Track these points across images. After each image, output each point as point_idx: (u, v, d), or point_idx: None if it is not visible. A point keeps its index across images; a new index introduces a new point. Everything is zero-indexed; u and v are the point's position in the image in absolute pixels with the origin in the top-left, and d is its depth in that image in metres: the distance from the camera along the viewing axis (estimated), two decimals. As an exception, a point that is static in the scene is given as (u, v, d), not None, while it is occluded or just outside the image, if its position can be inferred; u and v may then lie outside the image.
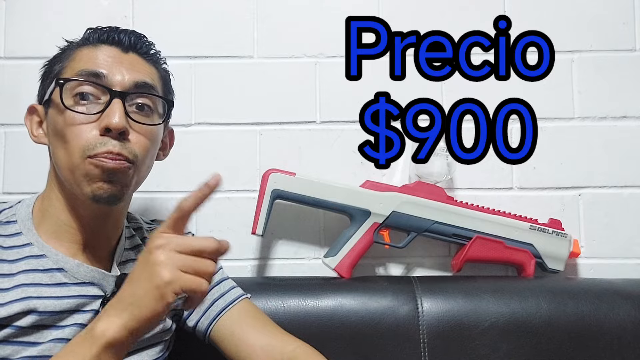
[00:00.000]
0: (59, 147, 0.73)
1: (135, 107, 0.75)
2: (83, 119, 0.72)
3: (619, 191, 1.11)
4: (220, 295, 0.86)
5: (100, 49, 0.76)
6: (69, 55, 0.77)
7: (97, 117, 0.72)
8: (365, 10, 1.13)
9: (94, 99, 0.73)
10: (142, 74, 0.77)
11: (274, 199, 1.02)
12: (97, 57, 0.75)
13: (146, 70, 0.78)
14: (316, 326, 0.93)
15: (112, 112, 0.71)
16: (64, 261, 0.73)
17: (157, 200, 1.08)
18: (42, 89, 0.79)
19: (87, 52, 0.76)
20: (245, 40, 1.12)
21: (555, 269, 1.05)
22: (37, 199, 0.79)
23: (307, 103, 1.12)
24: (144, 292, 0.59)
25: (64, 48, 0.80)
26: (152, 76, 0.79)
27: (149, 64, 0.80)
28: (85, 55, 0.75)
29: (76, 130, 0.72)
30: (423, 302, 0.95)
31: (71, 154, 0.71)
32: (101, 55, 0.75)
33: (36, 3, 1.11)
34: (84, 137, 0.71)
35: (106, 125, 0.71)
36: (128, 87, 0.74)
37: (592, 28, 1.14)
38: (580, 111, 1.12)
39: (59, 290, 0.72)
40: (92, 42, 0.77)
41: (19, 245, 0.73)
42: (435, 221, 1.03)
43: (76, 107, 0.72)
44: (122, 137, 0.72)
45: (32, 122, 0.79)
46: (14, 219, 0.75)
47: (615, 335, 0.93)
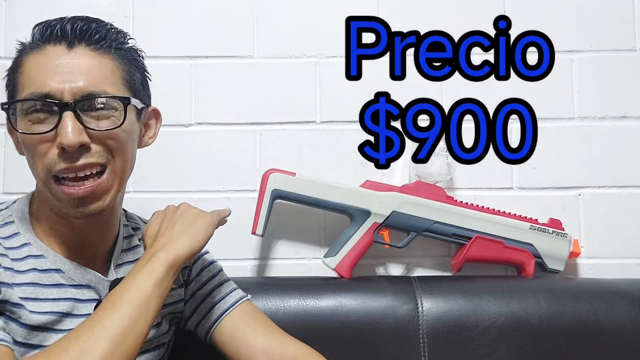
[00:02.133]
0: (30, 164, 0.72)
1: (91, 112, 0.69)
2: (40, 139, 0.68)
3: (619, 191, 1.11)
4: (221, 298, 0.85)
5: (44, 53, 0.70)
6: (19, 63, 0.72)
7: (53, 135, 0.68)
8: (365, 10, 1.13)
9: (46, 115, 0.68)
10: (92, 76, 0.70)
11: (274, 199, 1.02)
12: (41, 68, 0.69)
13: (96, 67, 0.71)
14: (316, 326, 0.93)
15: (64, 129, 0.67)
16: (62, 262, 0.73)
17: (157, 200, 1.08)
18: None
19: (32, 62, 0.70)
20: (245, 40, 1.12)
21: (555, 269, 1.05)
22: (32, 197, 0.77)
23: (307, 103, 1.12)
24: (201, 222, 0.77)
25: (17, 52, 0.75)
26: (104, 73, 0.71)
27: (102, 55, 0.72)
28: (31, 67, 0.70)
29: (37, 150, 0.69)
30: (423, 302, 0.95)
31: (38, 174, 0.70)
32: (46, 62, 0.70)
33: (36, 3, 1.11)
34: (45, 156, 0.68)
35: (60, 144, 0.67)
36: (78, 96, 0.68)
37: (592, 28, 1.14)
38: (580, 111, 1.13)
39: (56, 291, 0.71)
40: (37, 45, 0.71)
41: (18, 246, 0.72)
42: (435, 221, 1.03)
43: (30, 129, 0.68)
44: (83, 150, 0.68)
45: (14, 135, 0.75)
46: (10, 219, 0.74)
47: (615, 335, 0.93)
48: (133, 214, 0.90)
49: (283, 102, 1.12)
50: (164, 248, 0.72)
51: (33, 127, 0.69)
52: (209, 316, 0.84)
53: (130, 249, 0.83)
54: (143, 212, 1.04)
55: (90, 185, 0.69)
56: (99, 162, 0.70)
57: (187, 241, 0.74)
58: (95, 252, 0.78)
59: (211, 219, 0.78)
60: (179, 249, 0.72)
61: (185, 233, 0.75)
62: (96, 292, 0.74)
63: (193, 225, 0.76)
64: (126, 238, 0.83)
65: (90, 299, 0.74)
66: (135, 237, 0.85)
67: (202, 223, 0.77)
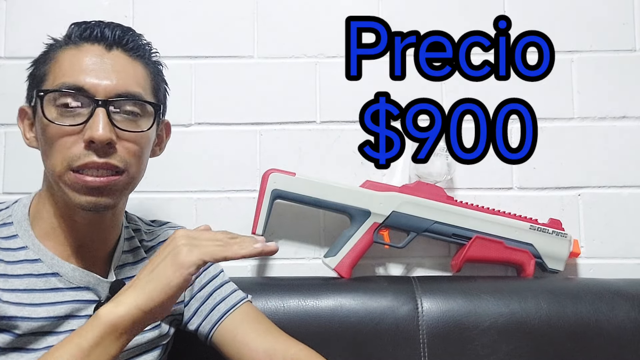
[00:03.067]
0: (47, 155, 0.72)
1: (121, 113, 0.71)
2: (67, 131, 0.69)
3: (619, 191, 1.11)
4: (222, 299, 0.85)
5: (82, 49, 0.72)
6: (52, 56, 0.74)
7: (80, 128, 0.69)
8: (365, 10, 1.13)
9: (78, 108, 0.70)
10: (127, 78, 0.72)
11: (274, 199, 1.02)
12: (79, 63, 0.71)
13: (131, 71, 0.74)
14: (316, 326, 0.93)
15: (96, 124, 0.68)
16: (59, 265, 0.73)
17: (157, 200, 1.08)
18: (29, 91, 0.76)
19: (69, 56, 0.72)
20: (245, 40, 1.12)
21: (555, 269, 1.05)
22: (33, 197, 0.77)
23: (307, 103, 1.12)
24: (162, 267, 0.63)
25: (48, 47, 0.76)
26: (137, 78, 0.74)
27: (136, 61, 0.75)
28: (67, 60, 0.72)
29: (61, 142, 0.69)
30: (423, 302, 0.95)
31: (55, 165, 0.70)
32: (84, 58, 0.71)
33: (36, 3, 1.11)
34: (68, 149, 0.69)
35: (90, 138, 0.68)
36: (112, 94, 0.70)
37: (592, 28, 1.14)
38: (580, 111, 1.12)
39: (53, 295, 0.71)
40: (74, 42, 0.73)
41: (15, 249, 0.72)
42: (435, 221, 1.03)
43: (59, 119, 0.69)
44: (108, 147, 0.69)
45: (24, 125, 0.77)
46: (10, 220, 0.74)
47: (615, 335, 0.93)
48: (133, 215, 0.90)
49: (283, 102, 1.11)
50: (113, 301, 0.63)
51: (61, 119, 0.70)
52: (210, 317, 0.84)
53: (131, 250, 0.83)
54: (143, 212, 1.04)
55: (108, 179, 0.70)
56: (119, 165, 0.71)
57: (139, 300, 0.62)
58: (95, 253, 0.77)
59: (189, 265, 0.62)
60: (126, 310, 0.61)
61: (144, 287, 0.63)
62: (95, 293, 0.74)
63: (158, 276, 0.63)
64: (127, 240, 0.83)
65: (90, 300, 0.73)
66: (136, 239, 0.85)
67: (169, 272, 0.62)
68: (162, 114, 0.80)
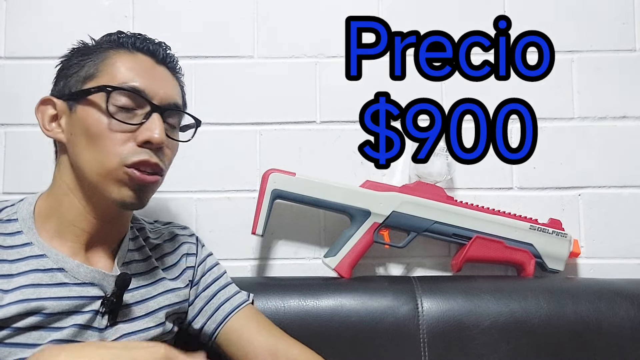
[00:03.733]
0: (88, 149, 0.73)
1: (166, 123, 0.77)
2: (124, 128, 0.73)
3: (619, 191, 1.11)
4: (226, 299, 0.87)
5: (137, 57, 0.77)
6: (102, 55, 0.76)
7: (135, 128, 0.73)
8: (365, 10, 1.13)
9: (132, 109, 0.73)
10: (174, 92, 0.79)
11: (274, 199, 1.02)
12: (138, 69, 0.75)
13: (175, 86, 0.80)
14: (316, 326, 0.93)
15: (154, 126, 0.73)
16: (65, 261, 0.73)
17: (156, 200, 1.08)
18: (66, 83, 0.76)
19: (126, 60, 0.76)
20: (245, 40, 1.12)
21: (555, 269, 1.06)
22: (39, 197, 0.78)
23: (307, 103, 1.12)
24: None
25: (91, 46, 0.78)
26: (179, 93, 0.81)
27: (175, 79, 0.81)
28: (124, 63, 0.75)
29: (114, 137, 0.72)
30: (423, 302, 0.95)
31: (106, 159, 0.72)
32: (140, 64, 0.76)
33: (37, 3, 1.11)
34: (122, 146, 0.72)
35: (147, 139, 0.73)
36: (166, 103, 0.76)
37: (592, 28, 1.14)
38: (580, 111, 1.13)
39: (59, 290, 0.72)
40: (128, 48, 0.77)
41: (19, 245, 0.73)
42: (435, 221, 1.03)
43: (117, 115, 0.72)
44: (158, 150, 0.75)
45: (45, 114, 0.77)
46: (15, 217, 0.75)
47: (615, 335, 0.93)
48: (136, 215, 0.91)
49: (283, 102, 1.12)
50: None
51: (119, 116, 0.73)
52: (215, 317, 0.86)
53: (137, 249, 0.85)
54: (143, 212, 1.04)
55: (154, 177, 0.75)
56: (163, 168, 0.76)
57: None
58: (101, 251, 0.79)
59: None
60: None
61: None
62: (101, 289, 0.75)
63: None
64: (132, 239, 0.85)
65: (96, 296, 0.74)
66: (140, 238, 0.87)
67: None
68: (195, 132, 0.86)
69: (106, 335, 0.74)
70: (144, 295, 0.80)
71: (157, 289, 0.82)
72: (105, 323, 0.74)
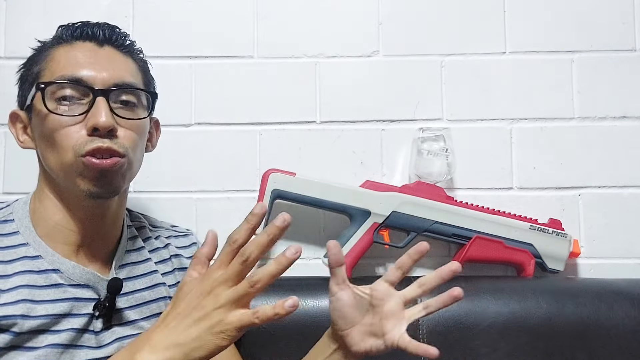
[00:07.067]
0: (48, 150, 0.73)
1: (119, 103, 0.74)
2: (69, 121, 0.71)
3: (619, 191, 1.11)
4: None
5: (75, 46, 0.76)
6: (45, 56, 0.76)
7: (82, 118, 0.72)
8: (365, 10, 1.13)
9: (77, 100, 0.72)
10: (121, 70, 0.76)
11: (274, 199, 1.02)
12: (75, 57, 0.74)
13: (124, 64, 0.77)
14: (316, 326, 0.93)
15: (98, 111, 0.71)
16: (60, 262, 0.73)
17: (157, 200, 1.08)
18: (22, 93, 0.78)
19: (64, 52, 0.75)
20: (245, 40, 1.12)
21: (555, 269, 1.05)
22: (31, 197, 0.78)
23: (307, 103, 1.12)
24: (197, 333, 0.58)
25: (38, 49, 0.79)
26: (130, 70, 0.78)
27: (126, 57, 0.79)
28: (62, 56, 0.75)
29: (64, 132, 0.71)
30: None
31: (62, 154, 0.71)
32: (78, 53, 0.75)
33: (37, 3, 1.11)
34: (73, 137, 0.71)
35: (93, 125, 0.71)
36: (110, 84, 0.73)
37: (592, 28, 1.14)
38: (580, 111, 1.12)
39: (54, 292, 0.71)
40: (67, 40, 0.76)
41: (15, 245, 0.72)
42: (435, 221, 1.03)
43: (60, 110, 0.72)
44: (110, 134, 0.72)
45: (17, 128, 0.78)
46: (11, 217, 0.75)
47: (615, 335, 0.93)
48: (137, 213, 0.91)
49: (283, 102, 1.11)
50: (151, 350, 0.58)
51: (62, 111, 0.72)
52: None
53: (134, 250, 0.83)
54: (142, 212, 1.04)
55: (114, 160, 0.72)
56: (120, 151, 0.73)
57: (182, 354, 0.58)
58: (96, 252, 0.78)
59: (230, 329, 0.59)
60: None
61: (186, 343, 0.58)
62: (95, 291, 0.74)
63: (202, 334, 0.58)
64: (130, 239, 0.84)
65: (90, 299, 0.74)
66: (139, 239, 0.85)
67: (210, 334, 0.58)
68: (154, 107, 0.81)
69: (102, 338, 0.74)
70: (139, 300, 0.80)
71: (152, 294, 0.82)
72: (100, 326, 0.74)
